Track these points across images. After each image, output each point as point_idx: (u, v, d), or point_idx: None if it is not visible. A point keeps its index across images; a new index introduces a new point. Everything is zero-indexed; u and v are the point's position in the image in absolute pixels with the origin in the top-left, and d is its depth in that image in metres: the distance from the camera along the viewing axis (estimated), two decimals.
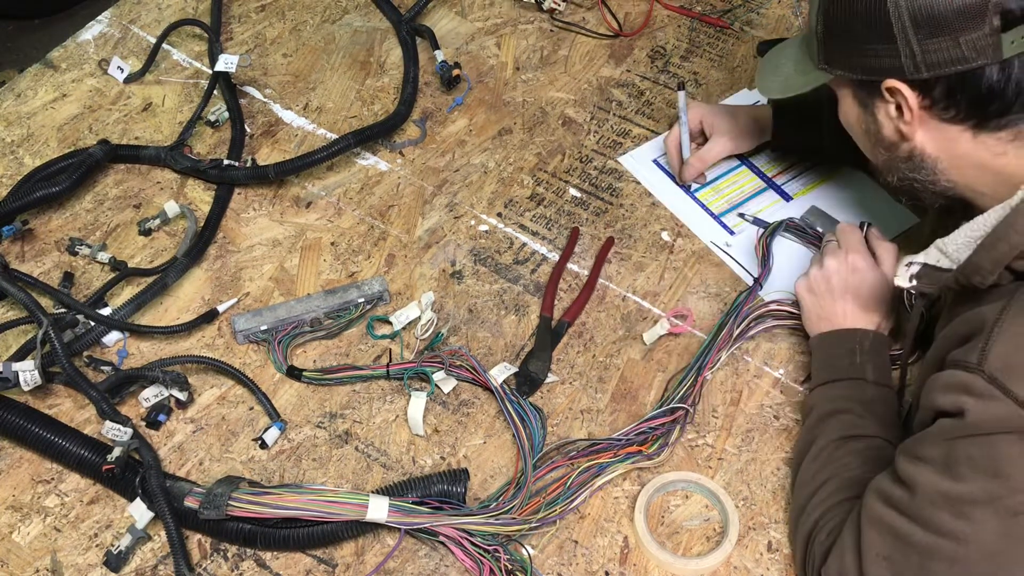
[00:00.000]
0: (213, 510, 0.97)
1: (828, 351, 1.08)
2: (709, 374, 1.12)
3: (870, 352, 1.05)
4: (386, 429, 1.11)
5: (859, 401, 1.02)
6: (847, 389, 1.04)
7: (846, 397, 1.03)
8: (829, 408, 1.03)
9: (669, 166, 1.33)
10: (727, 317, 1.15)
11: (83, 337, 1.15)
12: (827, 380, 1.05)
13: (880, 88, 0.93)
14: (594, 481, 1.05)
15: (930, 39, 0.86)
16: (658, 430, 1.08)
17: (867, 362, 1.05)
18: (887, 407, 1.03)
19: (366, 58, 1.50)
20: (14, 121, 1.41)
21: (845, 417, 1.01)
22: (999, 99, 0.87)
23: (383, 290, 1.20)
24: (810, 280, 1.12)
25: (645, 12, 1.54)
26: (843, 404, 1.03)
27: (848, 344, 1.06)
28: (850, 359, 1.05)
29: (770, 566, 1.01)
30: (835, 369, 1.06)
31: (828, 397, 1.04)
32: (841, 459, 0.98)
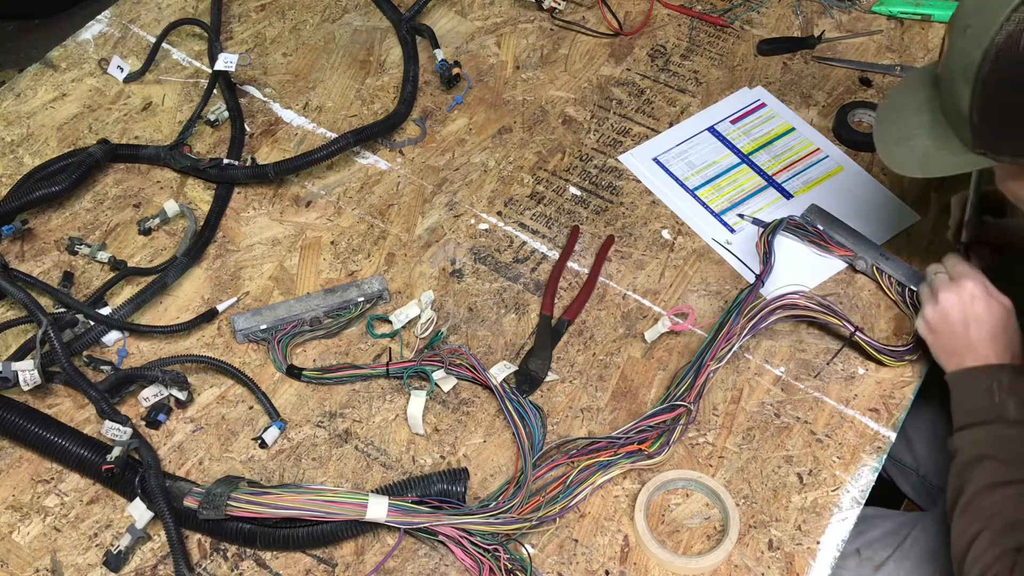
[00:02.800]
0: (212, 510, 0.97)
1: (965, 391, 1.05)
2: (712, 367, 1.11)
3: (1008, 388, 1.02)
4: (386, 428, 1.11)
5: (1002, 445, 1.00)
6: (989, 433, 1.01)
7: (988, 442, 1.00)
8: (973, 454, 1.01)
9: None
10: (728, 314, 1.15)
11: (83, 337, 1.15)
12: (967, 424, 1.03)
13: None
14: (594, 479, 1.05)
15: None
16: (658, 428, 1.07)
17: (1007, 400, 1.02)
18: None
19: (366, 57, 1.49)
20: (14, 121, 1.41)
21: (990, 464, 0.99)
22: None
23: (383, 289, 1.20)
24: (927, 320, 1.09)
25: (645, 11, 1.54)
26: (986, 449, 1.00)
27: (984, 383, 1.03)
28: (988, 399, 1.02)
29: (771, 564, 1.00)
30: (974, 412, 1.03)
31: (970, 442, 1.02)
32: (991, 508, 0.96)
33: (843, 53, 1.47)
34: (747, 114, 1.40)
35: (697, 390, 1.09)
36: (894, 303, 1.19)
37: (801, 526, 1.03)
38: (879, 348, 1.13)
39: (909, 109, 1.02)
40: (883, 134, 1.04)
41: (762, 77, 1.45)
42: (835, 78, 1.44)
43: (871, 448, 1.09)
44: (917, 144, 0.99)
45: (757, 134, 1.37)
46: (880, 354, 1.13)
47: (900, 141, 1.01)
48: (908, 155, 1.00)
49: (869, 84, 1.43)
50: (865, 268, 1.21)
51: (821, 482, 1.06)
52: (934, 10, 1.49)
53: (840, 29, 1.51)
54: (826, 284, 1.22)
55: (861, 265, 1.21)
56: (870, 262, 1.20)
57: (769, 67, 1.46)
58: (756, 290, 1.16)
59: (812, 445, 1.09)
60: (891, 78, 1.43)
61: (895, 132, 1.02)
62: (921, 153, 0.99)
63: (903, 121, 1.02)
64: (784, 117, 1.39)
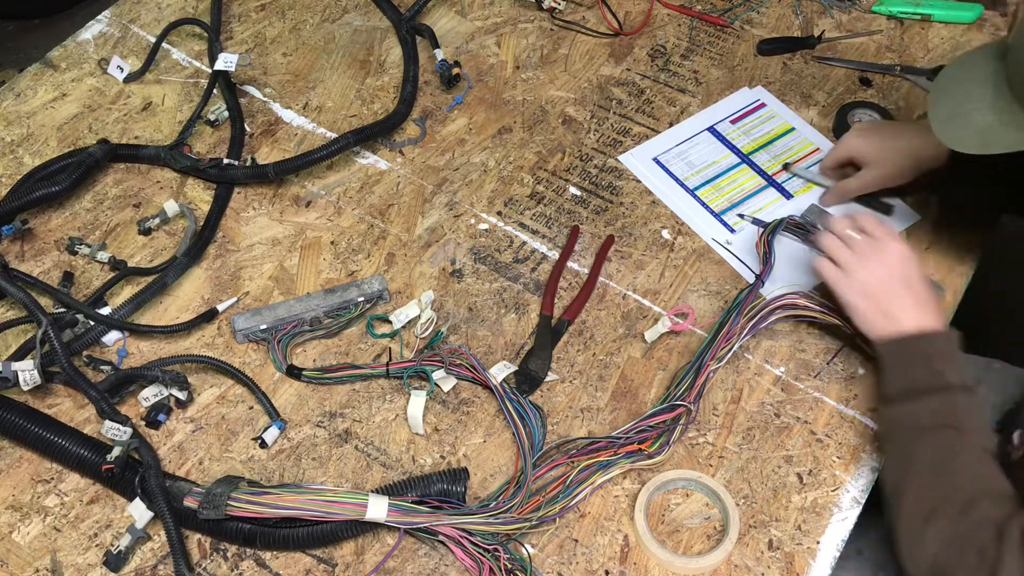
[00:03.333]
0: (212, 510, 0.97)
1: (904, 358, 1.02)
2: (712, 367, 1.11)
3: (947, 355, 1.00)
4: (386, 428, 1.11)
5: (949, 413, 0.97)
6: (934, 403, 0.98)
7: (935, 412, 0.98)
8: (919, 426, 0.98)
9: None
10: (728, 314, 1.15)
11: (82, 336, 1.15)
12: (910, 393, 1.00)
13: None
14: (594, 479, 1.04)
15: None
16: (658, 428, 1.07)
17: (947, 366, 0.99)
18: (976, 412, 0.99)
19: (366, 57, 1.49)
20: (14, 121, 1.41)
21: (940, 434, 0.96)
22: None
23: (383, 289, 1.20)
24: (861, 283, 1.05)
25: (645, 11, 1.54)
26: (934, 419, 0.97)
27: (925, 350, 1.01)
28: (927, 366, 1.00)
29: (771, 564, 1.00)
30: (916, 379, 1.00)
31: (915, 413, 0.99)
32: (948, 483, 0.94)
33: (843, 53, 1.47)
34: (747, 114, 1.40)
35: (697, 390, 1.09)
36: None
37: (801, 526, 1.03)
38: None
39: (970, 83, 0.96)
40: (938, 109, 0.99)
41: (762, 77, 1.45)
42: (835, 78, 1.44)
43: (871, 448, 1.08)
44: (977, 118, 0.94)
45: (757, 134, 1.37)
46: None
47: (957, 116, 0.96)
48: (966, 130, 0.95)
49: (869, 84, 1.43)
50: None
51: (821, 482, 1.06)
52: (934, 10, 1.50)
53: (840, 29, 1.51)
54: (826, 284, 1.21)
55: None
56: None
57: (769, 67, 1.46)
58: (756, 290, 1.16)
59: (812, 445, 1.09)
60: (891, 78, 1.43)
61: (951, 107, 0.97)
62: (982, 128, 0.94)
63: (962, 95, 0.96)
64: (784, 117, 1.39)
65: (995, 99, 0.94)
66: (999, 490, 0.93)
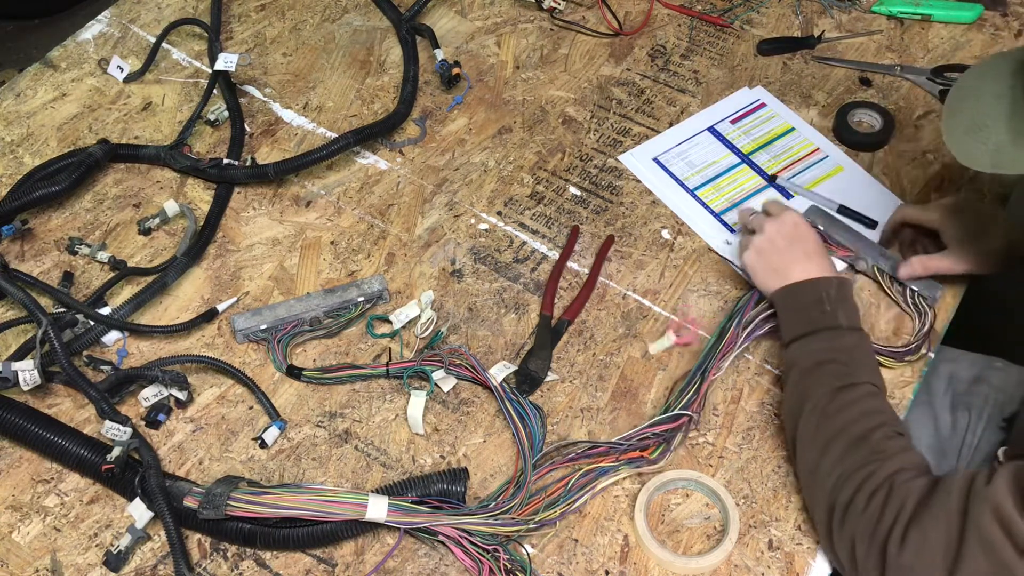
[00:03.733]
0: (212, 510, 0.97)
1: (795, 303, 1.08)
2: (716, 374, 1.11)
3: (837, 299, 1.06)
4: (386, 428, 1.11)
5: (840, 349, 1.03)
6: (825, 340, 1.04)
7: (826, 348, 1.03)
8: (812, 361, 1.03)
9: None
10: (730, 319, 1.14)
11: (82, 336, 1.15)
12: (802, 333, 1.05)
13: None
14: (596, 483, 1.04)
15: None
16: (661, 436, 1.06)
17: (837, 308, 1.05)
18: (866, 352, 1.04)
19: (366, 57, 1.49)
20: (14, 121, 1.41)
21: (830, 368, 1.01)
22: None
23: (383, 289, 1.20)
24: (755, 246, 1.13)
25: (645, 11, 1.54)
26: (825, 355, 1.03)
27: (814, 294, 1.06)
28: (819, 308, 1.05)
29: (771, 564, 1.00)
30: (808, 321, 1.06)
31: (808, 351, 1.04)
32: (840, 413, 0.98)
33: (843, 53, 1.47)
34: (747, 114, 1.40)
35: (702, 396, 1.09)
36: (894, 303, 1.19)
37: (801, 526, 1.03)
38: (879, 350, 1.12)
39: (986, 97, 0.94)
40: (953, 122, 0.96)
41: (762, 77, 1.45)
42: (835, 78, 1.44)
43: None
44: (991, 137, 0.92)
45: (757, 134, 1.37)
46: (881, 355, 1.12)
47: (972, 131, 0.94)
48: (979, 147, 0.93)
49: (869, 84, 1.43)
50: (866, 268, 1.20)
51: None
52: (934, 10, 1.50)
53: (840, 29, 1.51)
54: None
55: (862, 265, 1.20)
56: (871, 262, 1.19)
57: (769, 67, 1.46)
58: (757, 293, 1.16)
59: None
60: (891, 78, 1.43)
61: (967, 120, 0.95)
62: (994, 147, 0.92)
63: (978, 109, 0.94)
64: (784, 117, 1.39)
65: (1011, 118, 0.92)
66: (891, 425, 0.97)
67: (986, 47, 1.47)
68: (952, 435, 1.27)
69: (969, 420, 1.26)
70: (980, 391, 1.27)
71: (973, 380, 1.29)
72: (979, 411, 1.26)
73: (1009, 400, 1.26)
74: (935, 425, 1.29)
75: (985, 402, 1.26)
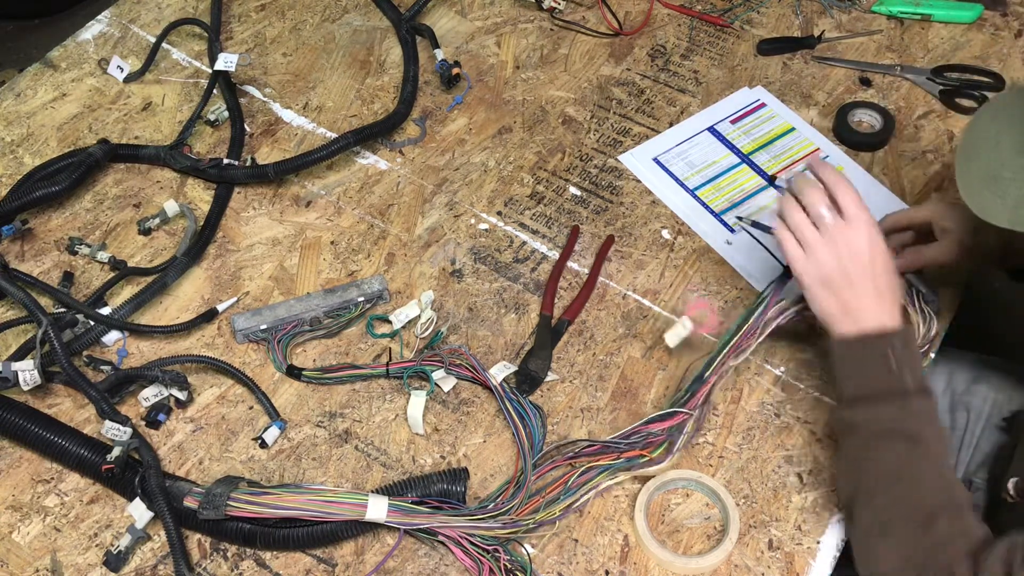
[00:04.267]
0: (212, 510, 0.97)
1: (860, 357, 0.97)
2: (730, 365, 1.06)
3: (903, 356, 0.95)
4: (386, 428, 1.11)
5: (908, 419, 0.94)
6: (892, 408, 0.94)
7: (893, 418, 0.94)
8: (877, 430, 0.95)
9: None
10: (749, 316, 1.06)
11: (82, 336, 1.15)
12: (867, 395, 0.96)
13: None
14: (597, 482, 1.03)
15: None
16: (659, 436, 1.05)
17: (903, 367, 0.94)
18: (935, 417, 0.95)
19: (366, 57, 1.49)
20: (14, 121, 1.41)
21: (899, 442, 0.93)
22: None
23: (383, 289, 1.20)
24: (822, 274, 0.97)
25: (645, 11, 1.54)
26: (892, 425, 0.94)
27: (879, 350, 0.95)
28: (885, 368, 0.95)
29: (771, 564, 1.00)
30: (872, 383, 0.96)
31: (873, 418, 0.95)
32: (905, 495, 0.92)
33: (843, 53, 1.47)
34: (747, 114, 1.40)
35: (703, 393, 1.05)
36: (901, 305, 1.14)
37: (801, 526, 1.03)
38: None
39: (1004, 145, 0.89)
40: (968, 170, 0.91)
41: (762, 77, 1.45)
42: (835, 78, 1.44)
43: None
44: (1011, 190, 0.87)
45: (757, 134, 1.37)
46: None
47: (989, 182, 0.88)
48: (996, 201, 0.87)
49: (869, 84, 1.43)
50: None
51: (821, 482, 1.06)
52: (934, 10, 1.50)
53: (840, 29, 1.51)
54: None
55: None
56: None
57: (769, 67, 1.46)
58: (784, 284, 1.06)
59: (812, 445, 1.09)
60: (891, 78, 1.43)
61: (984, 170, 0.89)
62: (1014, 202, 0.86)
63: (995, 159, 0.89)
64: (784, 117, 1.39)
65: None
66: (956, 503, 0.91)
67: (986, 47, 1.47)
68: (951, 435, 1.27)
69: (968, 420, 1.26)
70: (979, 391, 1.27)
71: (972, 380, 1.29)
72: (978, 411, 1.26)
73: (1008, 400, 1.26)
74: None
75: (984, 402, 1.26)
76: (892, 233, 1.13)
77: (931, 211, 1.11)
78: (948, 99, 1.39)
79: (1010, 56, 1.45)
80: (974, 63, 1.44)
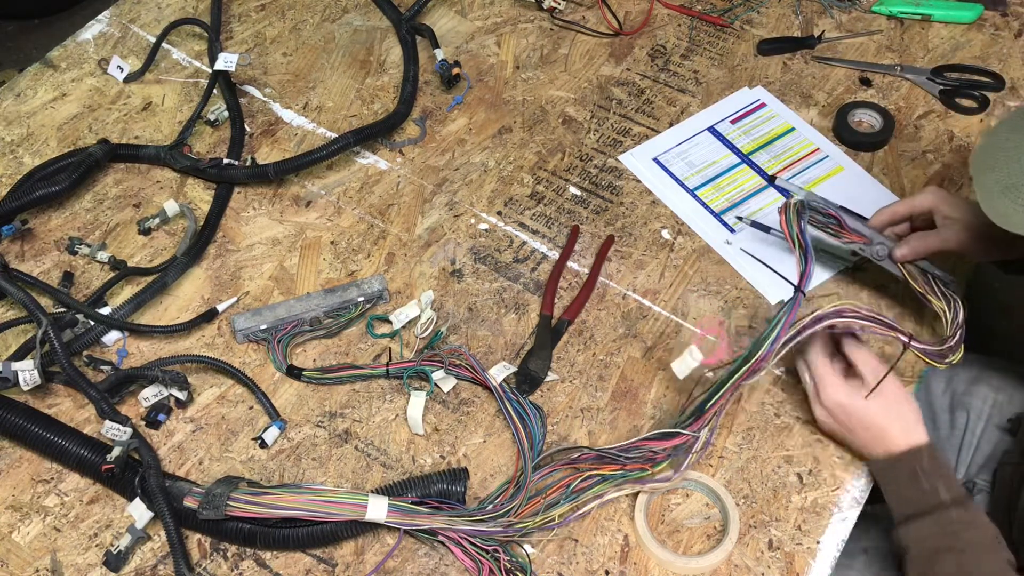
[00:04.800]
0: (212, 510, 0.97)
1: (893, 481, 1.01)
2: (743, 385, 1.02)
3: (931, 470, 0.99)
4: (386, 428, 1.11)
5: (951, 534, 0.96)
6: (933, 525, 0.98)
7: (936, 534, 0.97)
8: (926, 550, 0.97)
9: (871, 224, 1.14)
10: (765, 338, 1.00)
11: (82, 336, 1.15)
12: (908, 516, 0.99)
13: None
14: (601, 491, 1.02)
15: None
16: (660, 454, 1.03)
17: (936, 482, 0.98)
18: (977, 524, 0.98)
19: (366, 57, 1.49)
20: (14, 120, 1.41)
21: (947, 557, 0.96)
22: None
23: (383, 289, 1.20)
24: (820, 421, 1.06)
25: (645, 11, 1.54)
26: (938, 542, 0.97)
27: (908, 468, 1.00)
28: (918, 487, 0.99)
29: (771, 564, 1.00)
30: (910, 502, 1.00)
31: (919, 537, 0.98)
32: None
33: (843, 53, 1.47)
34: (747, 114, 1.40)
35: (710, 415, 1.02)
36: (921, 295, 1.10)
37: (801, 526, 1.03)
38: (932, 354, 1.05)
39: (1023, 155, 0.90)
40: (987, 179, 0.91)
41: (762, 77, 1.45)
42: (835, 78, 1.44)
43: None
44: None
45: (757, 134, 1.37)
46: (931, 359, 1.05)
47: (1008, 191, 0.89)
48: (1017, 209, 0.88)
49: (869, 84, 1.43)
50: (881, 255, 1.10)
51: (821, 482, 1.06)
52: (934, 10, 1.50)
53: (840, 29, 1.51)
54: (826, 284, 1.21)
55: (879, 251, 1.10)
56: (889, 246, 1.09)
57: (769, 67, 1.46)
58: (798, 304, 1.01)
59: (812, 445, 1.09)
60: (891, 78, 1.43)
61: (1003, 179, 0.90)
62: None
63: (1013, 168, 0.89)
64: (784, 117, 1.39)
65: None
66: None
67: (986, 47, 1.47)
68: (951, 435, 1.27)
69: (968, 420, 1.26)
70: (979, 391, 1.27)
71: (972, 380, 1.29)
72: (978, 411, 1.26)
73: (1009, 400, 1.26)
74: (934, 425, 1.29)
75: (984, 402, 1.26)
76: (892, 224, 1.13)
77: (933, 199, 1.10)
78: (948, 99, 1.39)
79: (1010, 56, 1.45)
80: (974, 63, 1.44)
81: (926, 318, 1.18)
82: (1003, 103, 1.40)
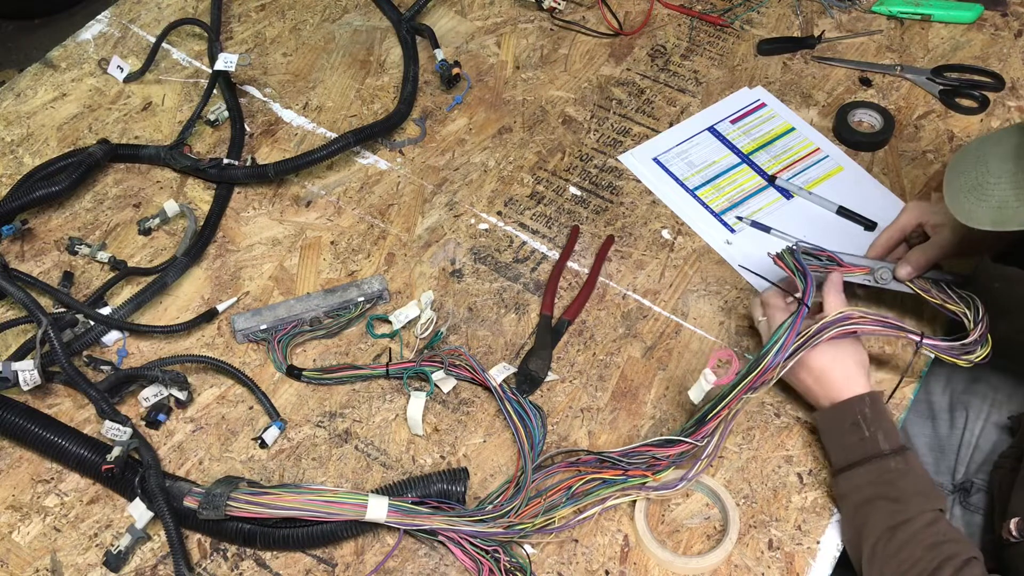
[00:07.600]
0: (212, 510, 0.97)
1: (834, 430, 1.03)
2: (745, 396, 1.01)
3: (873, 419, 1.01)
4: (386, 428, 1.11)
5: (887, 482, 0.98)
6: (870, 472, 0.99)
7: (872, 482, 0.99)
8: (860, 497, 0.99)
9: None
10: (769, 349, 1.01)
11: (82, 336, 1.15)
12: (846, 465, 1.01)
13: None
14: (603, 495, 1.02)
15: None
16: (663, 461, 1.03)
17: (876, 431, 1.00)
18: (914, 475, 0.98)
19: (366, 57, 1.49)
20: (14, 120, 1.41)
21: (881, 505, 0.97)
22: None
23: (383, 289, 1.20)
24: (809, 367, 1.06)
25: (645, 11, 1.54)
26: (873, 490, 0.98)
27: (850, 417, 1.02)
28: (858, 435, 1.01)
29: (771, 564, 1.00)
30: (849, 450, 1.01)
31: (855, 485, 1.00)
32: (900, 554, 0.94)
33: (843, 53, 1.47)
34: (747, 114, 1.40)
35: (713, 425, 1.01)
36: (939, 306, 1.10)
37: (801, 526, 1.03)
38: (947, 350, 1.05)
39: (991, 158, 0.93)
40: (954, 183, 0.95)
41: (762, 77, 1.45)
42: (835, 78, 1.44)
43: None
44: (994, 194, 0.91)
45: (757, 134, 1.37)
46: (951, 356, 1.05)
47: (973, 190, 0.93)
48: (980, 205, 0.91)
49: (869, 84, 1.43)
50: (886, 278, 1.11)
51: (821, 482, 1.06)
52: (934, 10, 1.50)
53: (840, 29, 1.51)
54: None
55: (882, 276, 1.11)
56: (891, 268, 1.10)
57: (769, 67, 1.46)
58: (801, 316, 1.02)
59: (812, 445, 1.09)
60: (891, 78, 1.43)
61: (969, 181, 0.94)
62: (997, 204, 0.90)
63: (981, 170, 0.93)
64: (784, 117, 1.39)
65: (1015, 174, 0.90)
66: (953, 553, 0.93)
67: (986, 47, 1.47)
68: (950, 434, 1.27)
69: (967, 419, 1.26)
70: (978, 391, 1.27)
71: (971, 380, 1.29)
72: (977, 410, 1.26)
73: (1007, 400, 1.26)
74: (933, 424, 1.29)
75: (983, 402, 1.27)
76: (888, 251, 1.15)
77: (917, 213, 1.13)
78: (948, 99, 1.39)
79: (1010, 56, 1.45)
80: (974, 63, 1.44)
81: (926, 316, 1.18)
82: (1003, 103, 1.40)
